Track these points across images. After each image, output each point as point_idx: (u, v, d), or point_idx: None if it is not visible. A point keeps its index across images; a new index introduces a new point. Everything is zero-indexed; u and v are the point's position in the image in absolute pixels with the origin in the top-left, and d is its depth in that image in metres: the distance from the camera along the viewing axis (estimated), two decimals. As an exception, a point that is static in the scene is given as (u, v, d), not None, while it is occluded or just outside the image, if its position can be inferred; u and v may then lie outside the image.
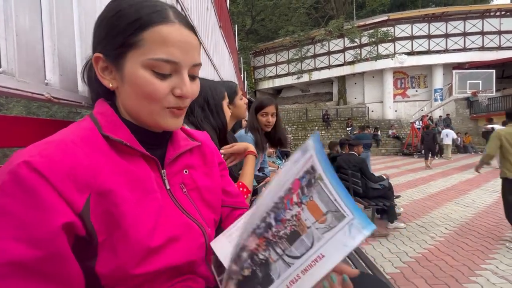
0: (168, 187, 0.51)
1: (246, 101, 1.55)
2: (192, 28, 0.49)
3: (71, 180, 0.39)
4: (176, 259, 0.47)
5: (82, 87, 0.73)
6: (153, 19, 0.45)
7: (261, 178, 1.71)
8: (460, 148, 13.76)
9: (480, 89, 11.71)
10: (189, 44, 0.47)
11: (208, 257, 0.55)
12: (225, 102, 1.17)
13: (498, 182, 6.29)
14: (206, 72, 3.20)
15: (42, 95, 0.60)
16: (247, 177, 1.09)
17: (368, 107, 17.88)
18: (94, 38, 0.50)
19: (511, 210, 3.12)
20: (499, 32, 16.40)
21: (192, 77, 0.50)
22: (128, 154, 0.47)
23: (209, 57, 3.62)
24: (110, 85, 0.49)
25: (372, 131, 15.10)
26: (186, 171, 0.55)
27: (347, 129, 15.67)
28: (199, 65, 0.50)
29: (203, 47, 3.19)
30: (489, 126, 4.56)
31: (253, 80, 21.58)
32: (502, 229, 3.59)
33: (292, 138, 12.62)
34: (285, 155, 8.59)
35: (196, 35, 0.50)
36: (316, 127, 15.74)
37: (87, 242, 0.41)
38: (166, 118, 0.49)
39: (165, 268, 0.46)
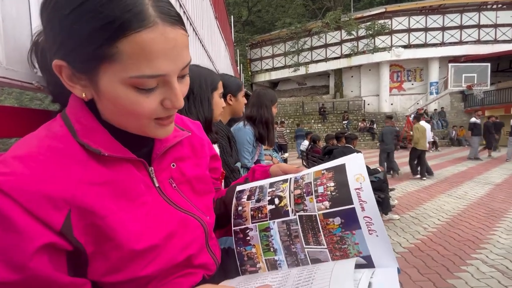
0: (157, 185, 0.48)
1: (245, 100, 1.56)
2: (177, 21, 0.39)
3: (44, 198, 0.35)
4: (174, 256, 0.46)
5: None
6: (127, 24, 0.34)
7: None
8: (454, 141, 13.91)
9: (475, 82, 11.79)
10: (176, 48, 0.38)
11: (210, 242, 0.56)
12: (217, 93, 1.10)
13: (490, 174, 6.46)
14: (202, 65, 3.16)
15: (31, 83, 0.59)
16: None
17: (364, 101, 17.91)
18: (47, 33, 0.39)
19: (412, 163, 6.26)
20: (495, 25, 16.42)
21: (182, 77, 0.44)
22: (109, 160, 0.43)
23: (204, 49, 3.57)
24: (83, 95, 0.41)
25: (368, 125, 15.25)
26: (173, 165, 0.52)
27: (343, 122, 15.72)
28: (190, 62, 0.44)
29: (198, 38, 3.14)
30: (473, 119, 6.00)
31: (250, 72, 21.42)
32: (493, 220, 3.67)
33: (288, 131, 12.60)
34: (281, 149, 8.64)
35: (183, 27, 0.41)
36: (313, 120, 15.74)
37: (76, 255, 0.39)
38: (155, 129, 0.44)
39: (165, 267, 0.45)
